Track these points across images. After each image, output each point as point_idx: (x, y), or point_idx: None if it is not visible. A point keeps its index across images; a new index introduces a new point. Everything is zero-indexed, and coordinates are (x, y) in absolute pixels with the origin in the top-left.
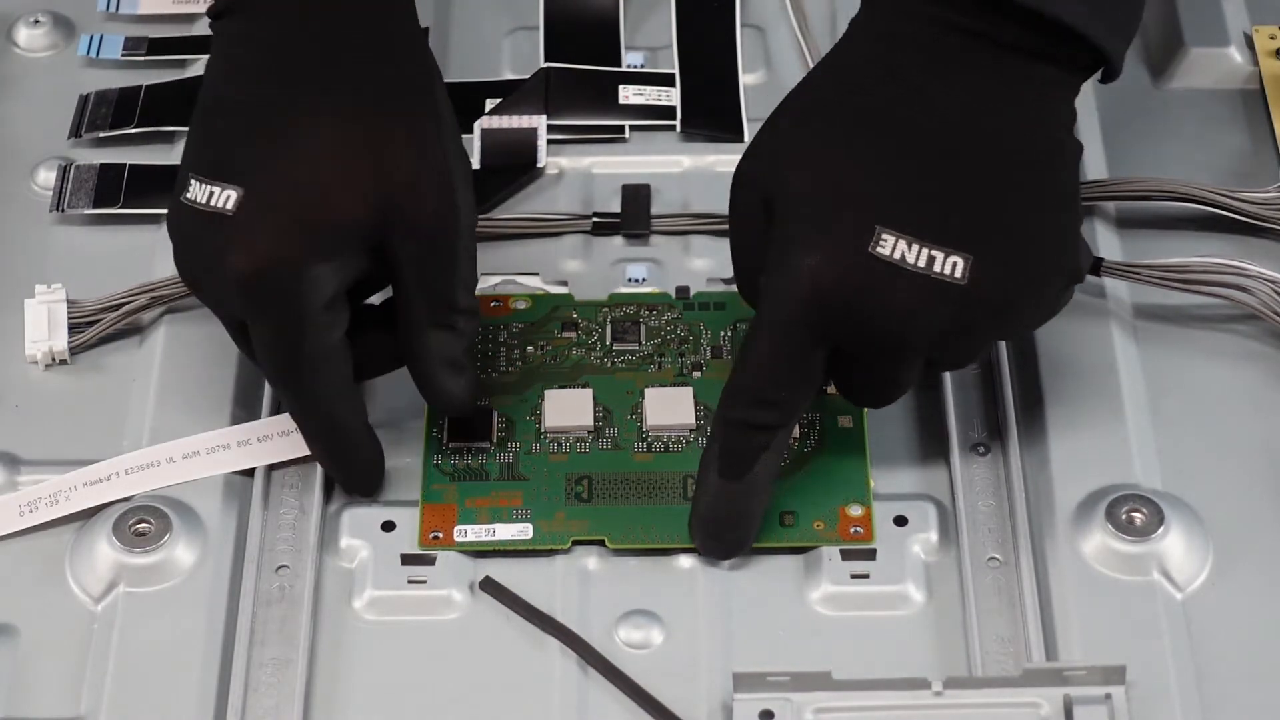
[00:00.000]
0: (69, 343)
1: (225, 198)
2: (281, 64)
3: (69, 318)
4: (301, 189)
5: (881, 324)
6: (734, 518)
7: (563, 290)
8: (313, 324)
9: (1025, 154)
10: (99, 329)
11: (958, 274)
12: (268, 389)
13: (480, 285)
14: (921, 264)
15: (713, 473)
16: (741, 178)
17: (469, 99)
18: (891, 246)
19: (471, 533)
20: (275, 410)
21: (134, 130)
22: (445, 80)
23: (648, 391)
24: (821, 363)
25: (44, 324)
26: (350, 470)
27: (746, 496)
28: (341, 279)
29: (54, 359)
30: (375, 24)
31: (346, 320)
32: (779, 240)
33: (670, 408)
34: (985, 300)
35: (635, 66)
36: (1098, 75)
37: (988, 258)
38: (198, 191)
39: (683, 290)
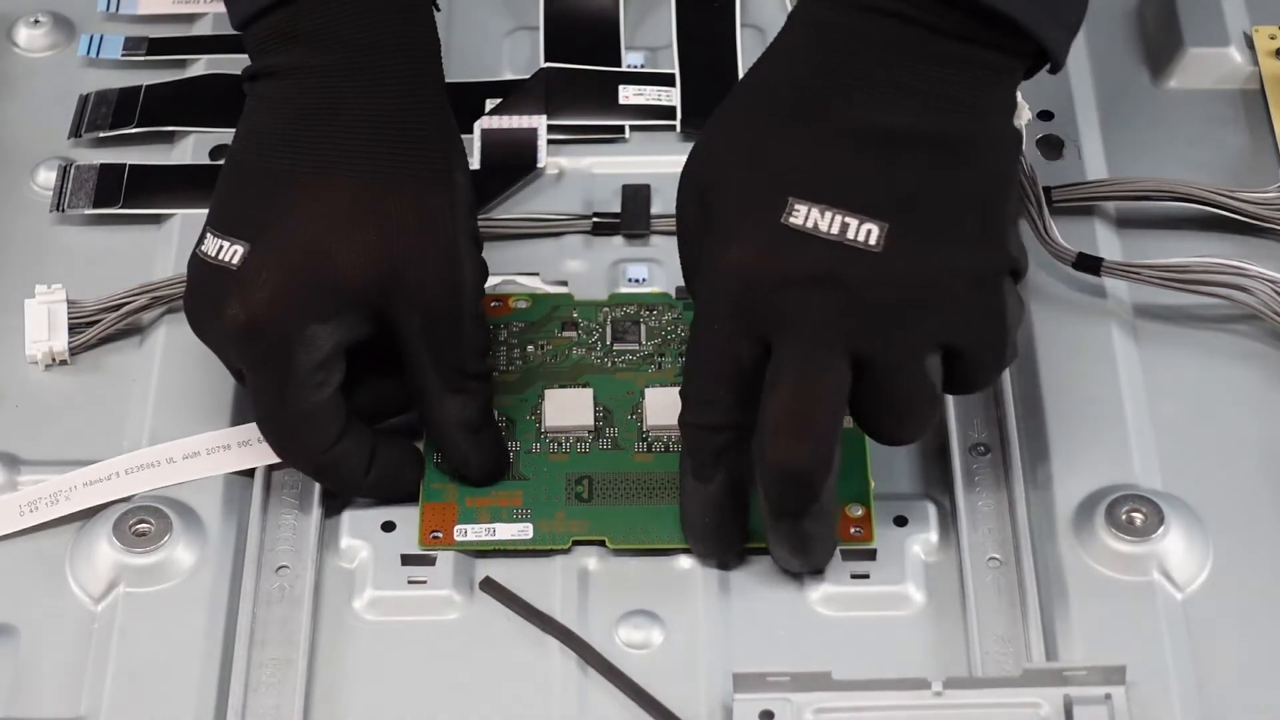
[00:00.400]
0: (69, 343)
1: (233, 252)
2: (303, 129)
3: (69, 318)
4: (304, 249)
5: (798, 295)
6: (715, 520)
7: (563, 290)
8: (302, 381)
9: (956, 140)
10: (99, 329)
11: (871, 240)
12: None
13: None
14: (834, 231)
15: (687, 477)
16: (683, 180)
17: (469, 99)
18: (804, 216)
19: (471, 532)
20: None
21: (134, 130)
22: (446, 80)
23: (648, 391)
24: (755, 355)
25: (44, 324)
26: (356, 493)
27: (722, 499)
28: (337, 341)
29: (54, 359)
30: (401, 97)
31: (339, 380)
32: (706, 233)
33: (671, 408)
34: (902, 273)
35: (635, 66)
36: (1047, 69)
37: (904, 228)
38: (210, 245)
39: (683, 290)
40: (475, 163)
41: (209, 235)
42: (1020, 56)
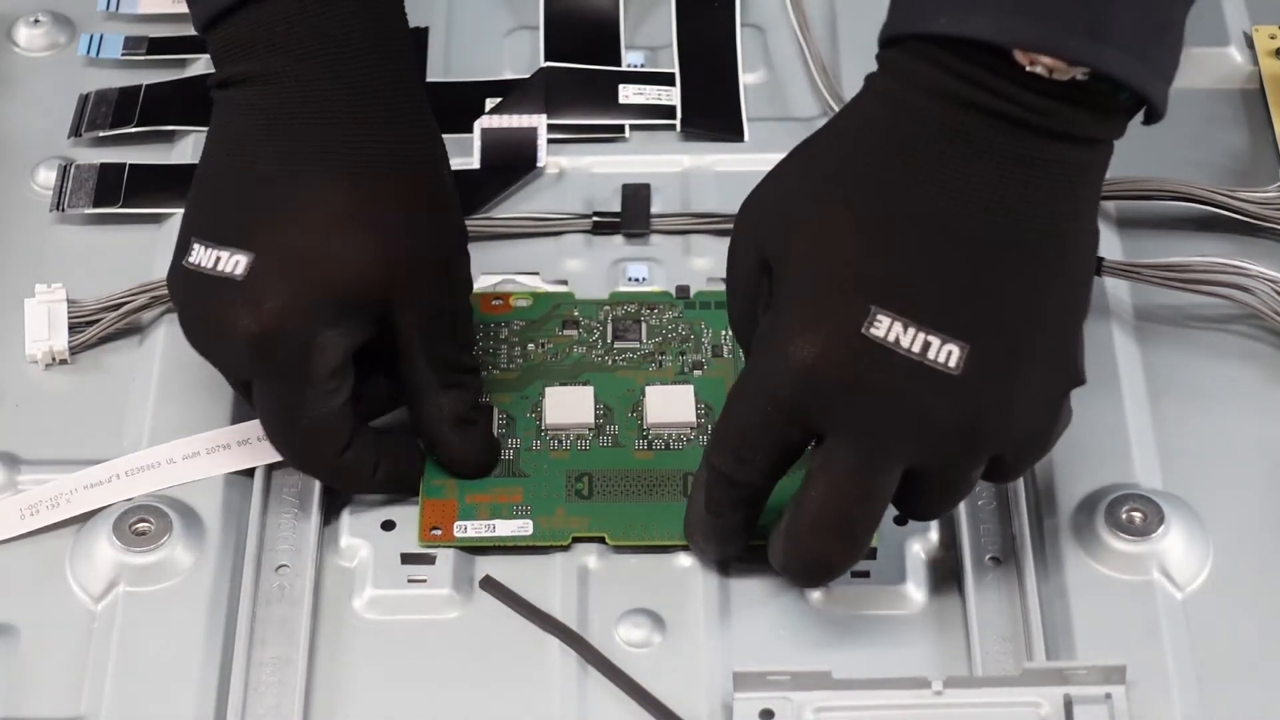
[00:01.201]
0: (69, 342)
1: (234, 262)
2: (283, 133)
3: (69, 317)
4: (311, 255)
5: (868, 407)
6: (719, 540)
7: (563, 290)
8: (317, 389)
9: (1035, 246)
10: (99, 329)
11: (951, 363)
12: None
13: (481, 284)
14: (915, 349)
15: (698, 503)
16: (742, 230)
17: (469, 99)
18: (886, 329)
19: (471, 528)
20: None
21: (134, 130)
22: (445, 80)
23: (648, 389)
24: (804, 440)
25: (44, 324)
26: (368, 490)
27: (731, 532)
28: (348, 345)
29: (54, 359)
30: (374, 92)
31: (350, 387)
32: (774, 310)
33: (671, 406)
34: (978, 396)
35: (635, 66)
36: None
37: (985, 350)
38: (203, 256)
39: (683, 289)
40: (475, 162)
41: (198, 245)
42: (1106, 136)
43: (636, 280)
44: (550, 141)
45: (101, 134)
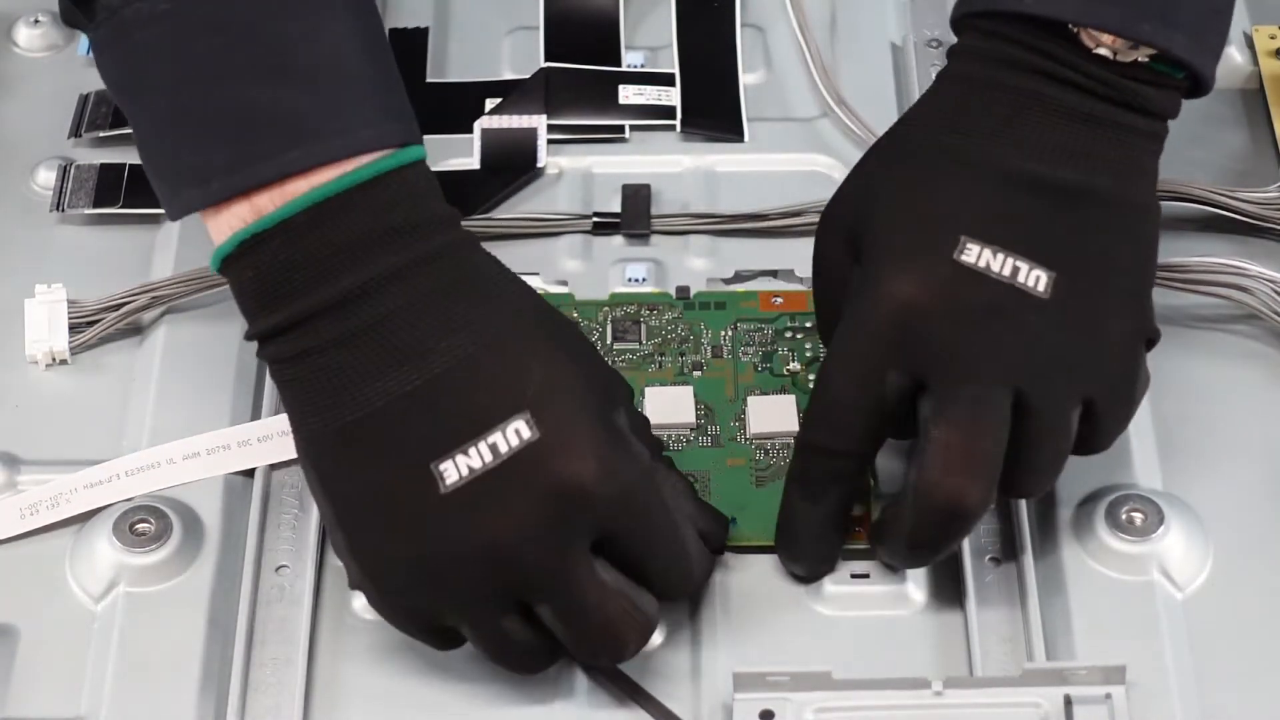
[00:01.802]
0: (69, 343)
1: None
2: (441, 371)
3: (69, 318)
4: (557, 478)
5: (968, 333)
6: (816, 537)
7: (563, 290)
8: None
9: (1116, 201)
10: (99, 329)
11: (1040, 288)
12: (268, 389)
13: None
14: (1006, 273)
15: (795, 494)
16: (827, 221)
17: (469, 99)
18: (976, 255)
19: None
20: (275, 410)
21: None
22: (445, 80)
23: (648, 391)
24: (902, 388)
25: (44, 324)
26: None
27: (829, 519)
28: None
29: (54, 359)
30: (492, 283)
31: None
32: (863, 266)
33: (671, 407)
34: (1068, 323)
35: (635, 66)
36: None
37: (1071, 280)
38: (450, 470)
39: (683, 290)
40: (475, 163)
41: (468, 449)
42: (1166, 111)
43: (636, 281)
44: (550, 142)
45: (101, 134)
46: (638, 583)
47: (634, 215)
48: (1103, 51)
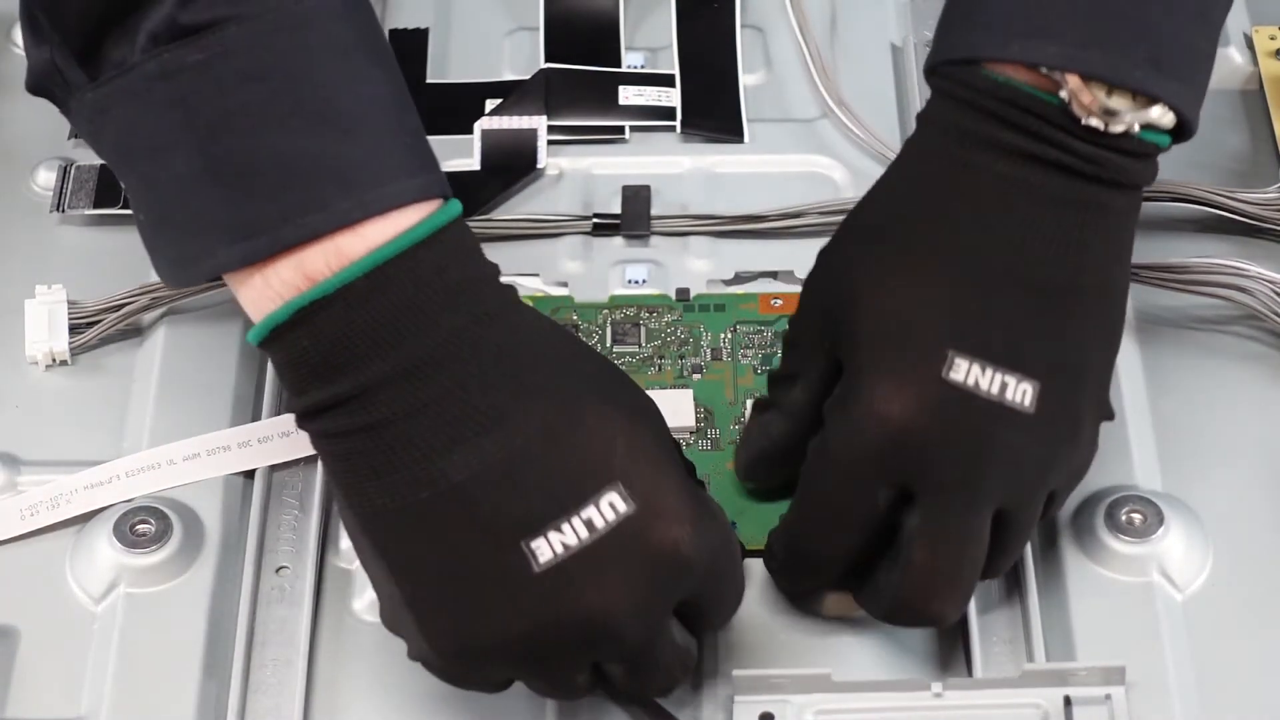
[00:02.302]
0: (69, 343)
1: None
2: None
3: (69, 318)
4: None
5: (958, 454)
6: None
7: (563, 292)
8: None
9: (1088, 289)
10: (99, 329)
11: (1026, 402)
12: (268, 389)
13: None
14: (994, 390)
15: (780, 583)
16: (806, 303)
17: (469, 100)
18: (965, 371)
19: None
20: (276, 411)
21: None
22: (446, 81)
23: (647, 393)
24: (890, 501)
25: (44, 325)
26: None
27: (804, 594)
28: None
29: (54, 359)
30: (553, 342)
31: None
32: (848, 374)
33: (670, 410)
34: (1050, 434)
35: (635, 67)
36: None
37: (1053, 387)
38: (554, 541)
39: (683, 292)
40: (475, 163)
41: (561, 526)
42: (1145, 181)
43: (636, 282)
44: (550, 143)
45: None
46: (692, 626)
47: (634, 216)
48: (1093, 123)
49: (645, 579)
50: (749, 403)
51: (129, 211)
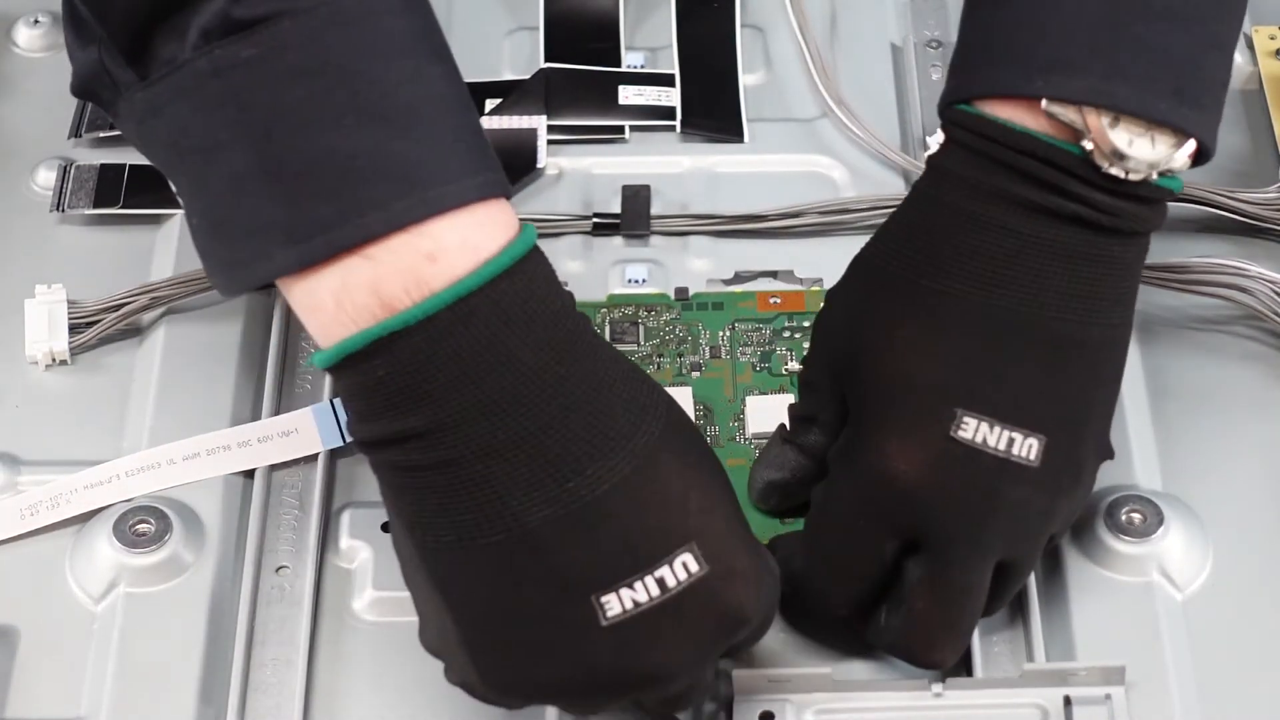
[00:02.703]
0: (69, 343)
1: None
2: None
3: (69, 318)
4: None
5: (965, 510)
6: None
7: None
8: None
9: (1097, 342)
10: (99, 329)
11: (1032, 456)
12: (268, 389)
13: None
14: (1001, 447)
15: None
16: (818, 347)
17: None
18: (973, 430)
19: None
20: (275, 411)
21: None
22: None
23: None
24: (897, 551)
25: (44, 324)
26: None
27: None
28: None
29: (54, 359)
30: (606, 366)
31: None
32: (855, 427)
33: None
34: (1054, 487)
35: (635, 66)
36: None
37: (1059, 441)
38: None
39: (682, 291)
40: None
41: (633, 583)
42: (1156, 226)
43: (635, 282)
44: (550, 142)
45: (101, 134)
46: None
47: (634, 216)
48: (1115, 172)
49: (709, 638)
50: (748, 400)
51: (129, 211)
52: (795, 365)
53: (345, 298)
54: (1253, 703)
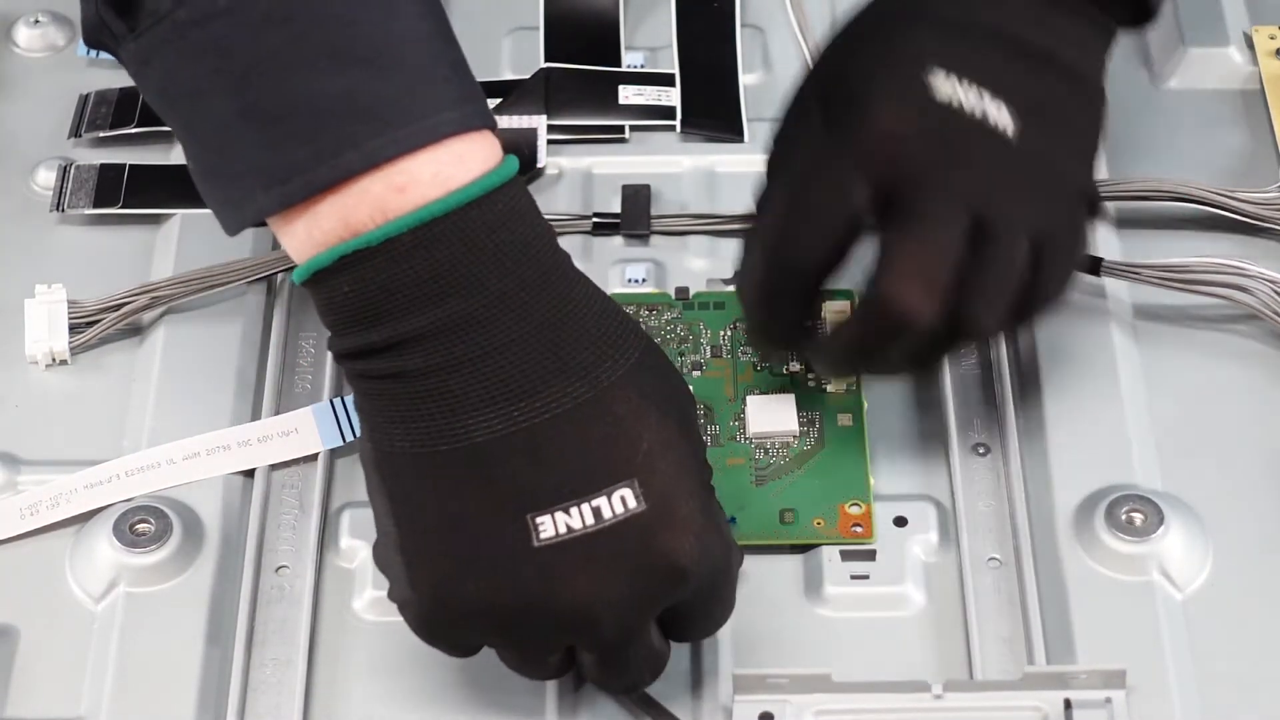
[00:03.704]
0: (69, 343)
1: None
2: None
3: (69, 318)
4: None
5: (931, 150)
6: (778, 342)
7: None
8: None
9: (1078, 74)
10: (99, 329)
11: (1009, 131)
12: (268, 389)
13: None
14: (977, 113)
15: (759, 310)
16: (805, 84)
17: None
18: (952, 89)
19: None
20: (275, 411)
21: (134, 130)
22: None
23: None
24: (868, 205)
25: (44, 324)
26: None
27: (789, 324)
28: None
29: (54, 359)
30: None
31: None
32: (835, 105)
33: None
34: (1029, 165)
35: (635, 66)
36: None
37: (1034, 126)
38: (584, 510)
39: (682, 291)
40: None
41: (569, 508)
42: (1115, 14)
43: (635, 281)
44: (550, 142)
45: (101, 134)
46: (675, 632)
47: (634, 216)
48: None
49: (638, 580)
50: (749, 400)
51: (129, 211)
52: (795, 365)
53: (314, 225)
54: (1253, 703)
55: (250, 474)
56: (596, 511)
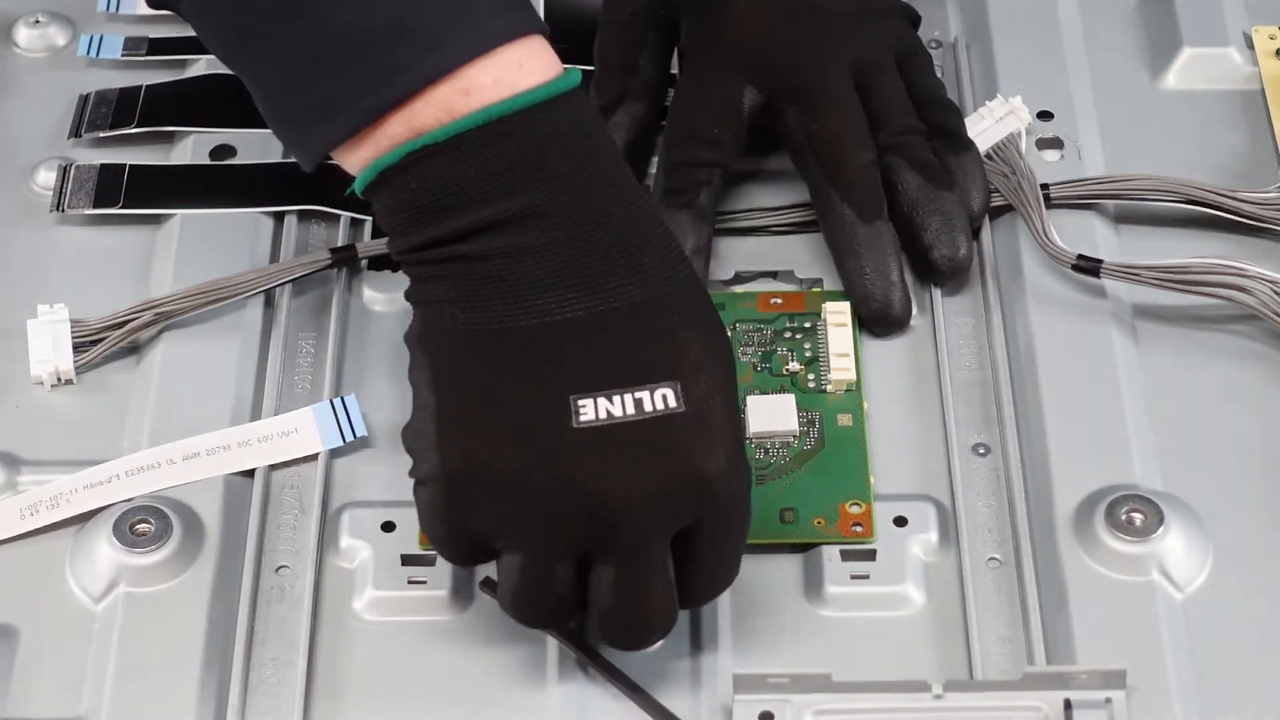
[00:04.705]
0: (74, 362)
1: (661, 399)
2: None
3: (73, 337)
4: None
5: (801, 47)
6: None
7: None
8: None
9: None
10: (104, 347)
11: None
12: (268, 389)
13: None
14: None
15: (669, 201)
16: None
17: None
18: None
19: None
20: (275, 411)
21: (134, 130)
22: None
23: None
24: (755, 101)
25: (48, 345)
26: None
27: (696, 217)
28: None
29: (60, 379)
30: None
31: None
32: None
33: None
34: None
35: None
36: None
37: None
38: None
39: None
40: None
41: (612, 396)
42: None
43: None
44: None
45: (101, 135)
46: (681, 572)
47: None
48: None
49: (665, 482)
50: (749, 400)
51: (129, 211)
52: (796, 366)
53: (381, 136)
54: (1253, 704)
55: (250, 474)
56: (639, 403)
